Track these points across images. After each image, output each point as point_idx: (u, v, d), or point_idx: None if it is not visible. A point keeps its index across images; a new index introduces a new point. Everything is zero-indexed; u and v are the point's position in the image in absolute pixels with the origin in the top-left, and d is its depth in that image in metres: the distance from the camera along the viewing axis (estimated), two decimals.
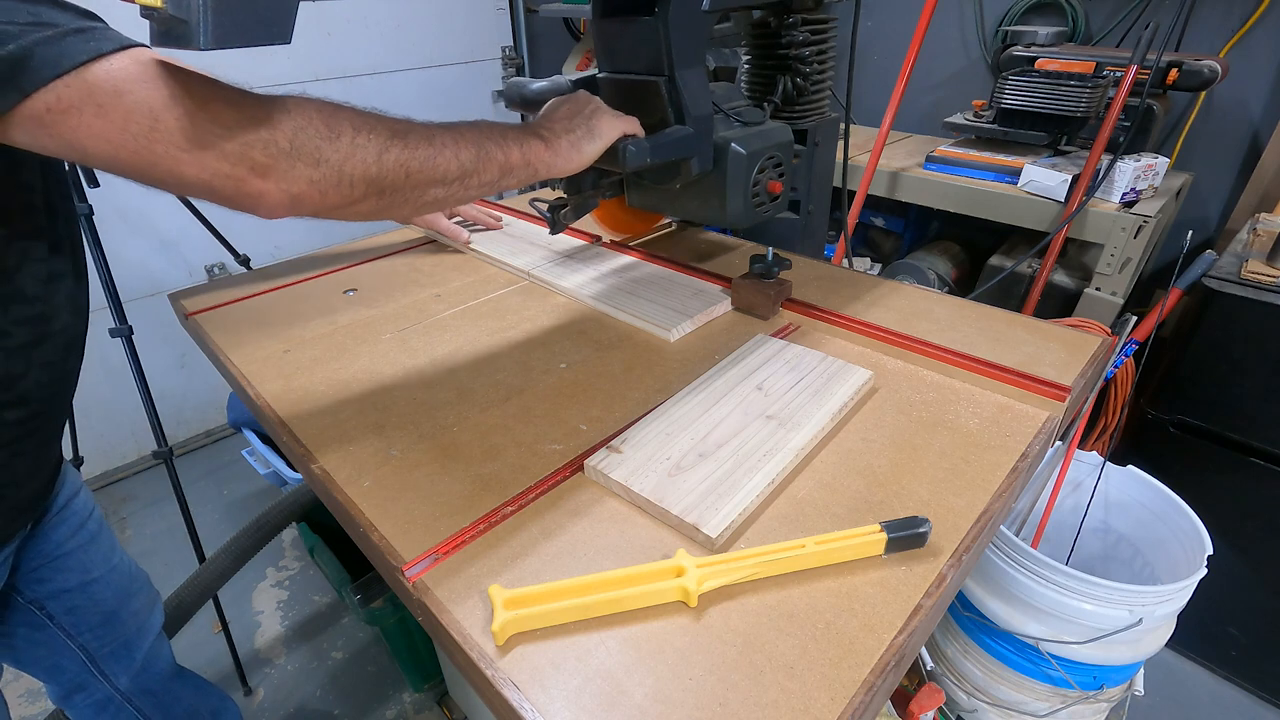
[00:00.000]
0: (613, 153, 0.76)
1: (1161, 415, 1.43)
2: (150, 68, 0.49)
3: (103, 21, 0.51)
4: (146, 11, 0.45)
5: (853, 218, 1.88)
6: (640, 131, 0.82)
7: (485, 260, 1.17)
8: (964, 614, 1.27)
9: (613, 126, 0.78)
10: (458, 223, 1.24)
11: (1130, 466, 1.33)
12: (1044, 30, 1.83)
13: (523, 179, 0.72)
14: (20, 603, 0.89)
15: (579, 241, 1.19)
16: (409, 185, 0.61)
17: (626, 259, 1.12)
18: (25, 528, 0.83)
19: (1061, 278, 1.70)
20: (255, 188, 0.53)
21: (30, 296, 0.68)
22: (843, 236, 1.41)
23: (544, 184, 0.85)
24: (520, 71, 2.95)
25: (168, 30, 0.45)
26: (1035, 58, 1.71)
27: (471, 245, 1.19)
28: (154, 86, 0.49)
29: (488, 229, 1.26)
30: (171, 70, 0.50)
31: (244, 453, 1.95)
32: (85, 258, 0.80)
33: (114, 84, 0.47)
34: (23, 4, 0.47)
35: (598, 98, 0.80)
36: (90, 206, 1.31)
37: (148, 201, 2.02)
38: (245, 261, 1.71)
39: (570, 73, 2.04)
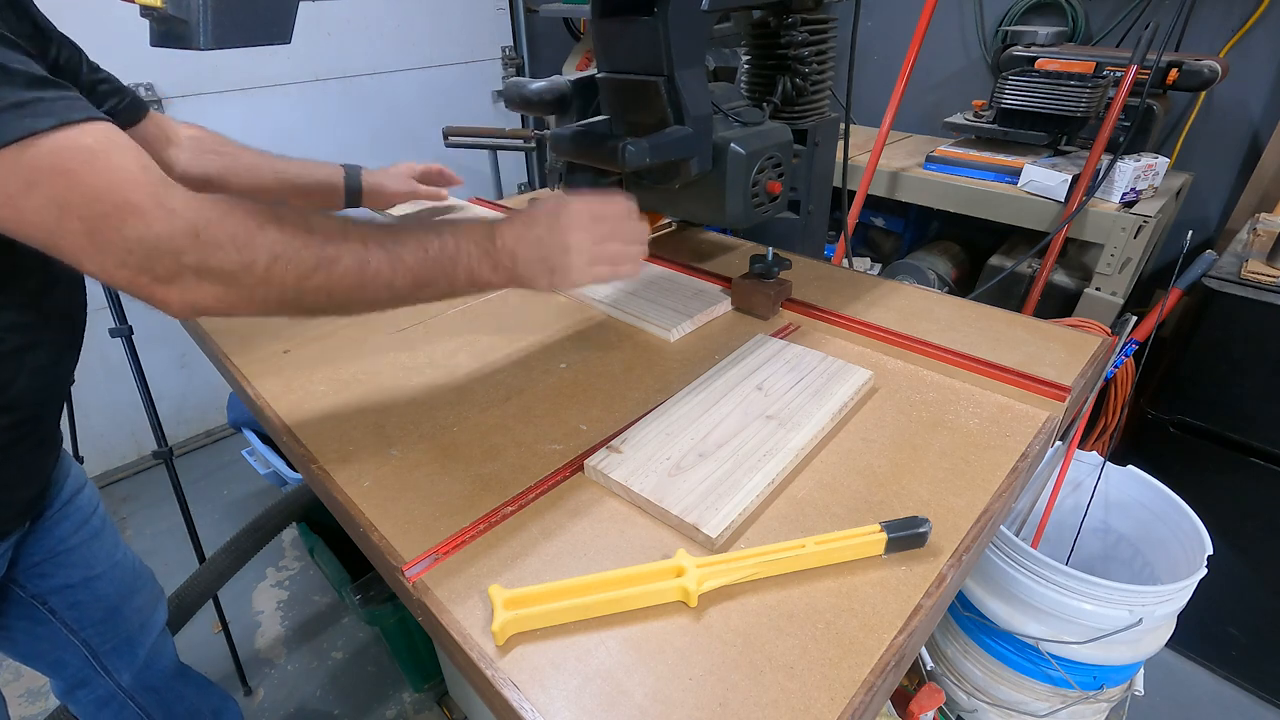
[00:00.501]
0: (612, 152, 0.76)
1: (1161, 415, 1.43)
2: (77, 156, 0.48)
3: (51, 91, 0.48)
4: (146, 11, 0.46)
5: (853, 218, 1.88)
6: (625, 272, 0.75)
7: None
8: (964, 614, 1.27)
9: (578, 282, 0.71)
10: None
11: (1130, 466, 1.33)
12: (1044, 30, 1.83)
13: (477, 292, 0.69)
14: (23, 597, 0.89)
15: None
16: (333, 305, 0.60)
17: None
18: (22, 527, 0.83)
19: (1061, 278, 1.70)
20: (158, 295, 0.53)
21: (24, 304, 0.68)
22: (843, 236, 1.41)
23: (543, 184, 0.85)
24: (520, 71, 2.95)
25: (168, 30, 0.45)
26: (1035, 58, 1.71)
27: None
28: (69, 182, 0.47)
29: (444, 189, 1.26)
30: (102, 161, 0.48)
31: (244, 453, 1.95)
32: None
33: (28, 174, 0.46)
34: None
35: (579, 228, 0.70)
36: None
37: None
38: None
39: (570, 73, 2.04)
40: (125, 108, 0.84)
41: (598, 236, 0.72)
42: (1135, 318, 1.22)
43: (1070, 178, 1.55)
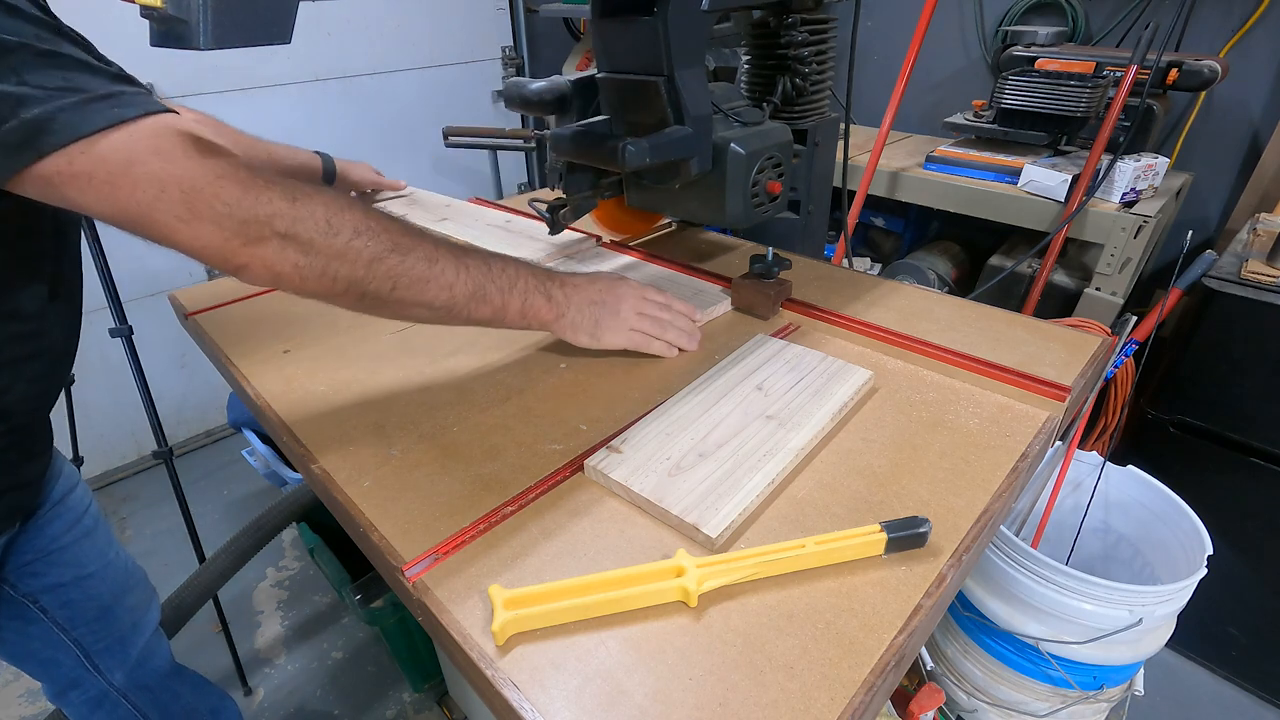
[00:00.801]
0: (612, 152, 0.76)
1: (1161, 415, 1.43)
2: (168, 139, 0.51)
3: (130, 86, 0.53)
4: (146, 11, 0.46)
5: (853, 218, 1.88)
6: (656, 353, 0.83)
7: None
8: (964, 614, 1.27)
9: (617, 340, 0.80)
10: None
11: (1130, 466, 1.33)
12: (1044, 30, 1.83)
13: (518, 327, 0.74)
14: (13, 596, 0.89)
15: (576, 235, 1.19)
16: (393, 299, 0.63)
17: (626, 259, 1.12)
18: (13, 528, 0.83)
19: (1061, 278, 1.70)
20: (242, 258, 0.56)
21: (27, 314, 0.68)
22: (843, 236, 1.41)
23: (543, 184, 0.85)
24: (520, 71, 2.95)
25: (168, 30, 0.45)
26: (1035, 58, 1.71)
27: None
28: (166, 160, 0.51)
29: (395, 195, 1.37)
30: (190, 144, 0.52)
31: (244, 453, 1.95)
32: (82, 276, 0.81)
33: (127, 153, 0.50)
34: (57, 69, 0.49)
35: (635, 297, 0.81)
36: None
37: None
38: None
39: (570, 73, 2.04)
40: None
41: (644, 311, 0.82)
42: (1135, 318, 1.22)
43: (1070, 178, 1.55)
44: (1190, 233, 1.47)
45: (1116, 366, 1.30)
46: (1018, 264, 1.69)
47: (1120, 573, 1.37)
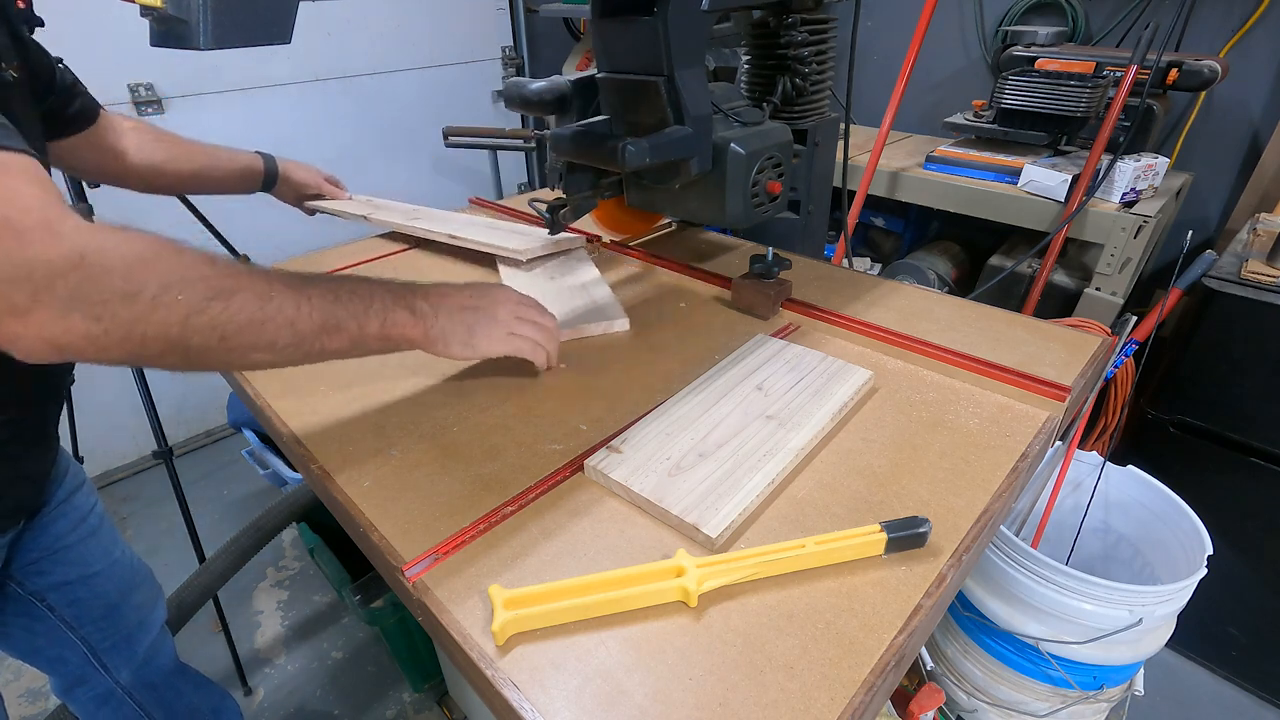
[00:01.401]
0: (612, 152, 0.76)
1: (1161, 415, 1.43)
2: None
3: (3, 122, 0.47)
4: (146, 11, 0.46)
5: (853, 218, 1.88)
6: (539, 357, 0.77)
7: (483, 263, 1.17)
8: (964, 614, 1.27)
9: (496, 347, 0.73)
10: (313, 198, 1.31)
11: (1130, 466, 1.33)
12: (1044, 30, 1.83)
13: (384, 349, 0.66)
14: (20, 594, 0.89)
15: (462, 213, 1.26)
16: (223, 348, 0.54)
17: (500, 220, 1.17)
18: (17, 525, 0.83)
19: (1061, 278, 1.70)
20: (8, 330, 0.46)
21: None
22: (843, 236, 1.41)
23: (543, 184, 0.85)
24: (520, 71, 2.95)
25: (168, 30, 0.45)
26: (1035, 58, 1.71)
27: (350, 210, 1.27)
28: None
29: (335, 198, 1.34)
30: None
31: (244, 453, 1.95)
32: None
33: None
34: None
35: (511, 302, 0.75)
36: (90, 206, 1.30)
37: (147, 201, 2.02)
38: (244, 261, 1.71)
39: (570, 73, 2.04)
40: (90, 105, 0.90)
41: (521, 315, 0.75)
42: (1135, 318, 1.22)
43: (1070, 178, 1.54)
44: (1190, 233, 1.47)
45: (1116, 366, 1.30)
46: (1018, 264, 1.69)
47: (1120, 573, 1.37)
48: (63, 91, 0.85)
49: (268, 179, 1.20)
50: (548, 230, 1.01)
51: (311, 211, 1.30)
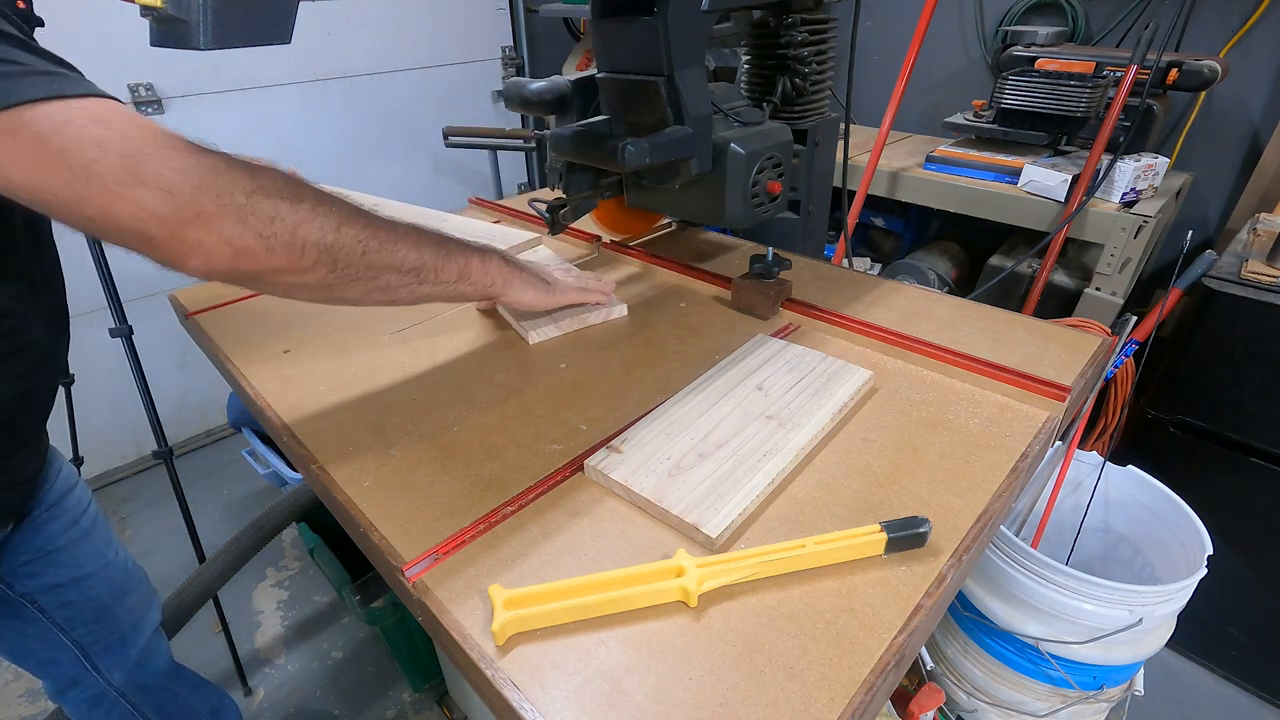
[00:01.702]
0: (612, 152, 0.76)
1: (1161, 415, 1.43)
2: (111, 113, 0.47)
3: (75, 73, 0.50)
4: (146, 11, 0.46)
5: (853, 218, 1.88)
6: (596, 301, 0.91)
7: None
8: (964, 614, 1.27)
9: (568, 295, 0.86)
10: None
11: (1130, 466, 1.33)
12: (1044, 30, 1.84)
13: (478, 288, 0.73)
14: (11, 596, 0.89)
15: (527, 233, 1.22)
16: (364, 264, 0.60)
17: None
18: (6, 528, 0.83)
19: (1061, 278, 1.70)
20: (194, 236, 0.49)
21: (5, 309, 0.68)
22: (843, 236, 1.41)
23: (543, 184, 0.86)
24: (520, 71, 2.96)
25: (168, 30, 0.45)
26: (1035, 58, 1.71)
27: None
28: (107, 126, 0.46)
29: None
30: (135, 116, 0.48)
31: (244, 453, 1.95)
32: (61, 269, 0.80)
33: (62, 119, 0.45)
34: None
35: (557, 272, 0.89)
36: None
37: None
38: None
39: (570, 73, 2.04)
40: None
41: (572, 274, 0.89)
42: (1135, 318, 1.22)
43: (1070, 178, 1.55)
44: (1190, 233, 1.47)
45: (1116, 366, 1.30)
46: (1018, 264, 1.69)
47: (1120, 573, 1.37)
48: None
49: None
50: (548, 230, 1.01)
51: None
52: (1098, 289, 1.58)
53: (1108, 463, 1.33)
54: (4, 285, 0.67)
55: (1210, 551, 1.13)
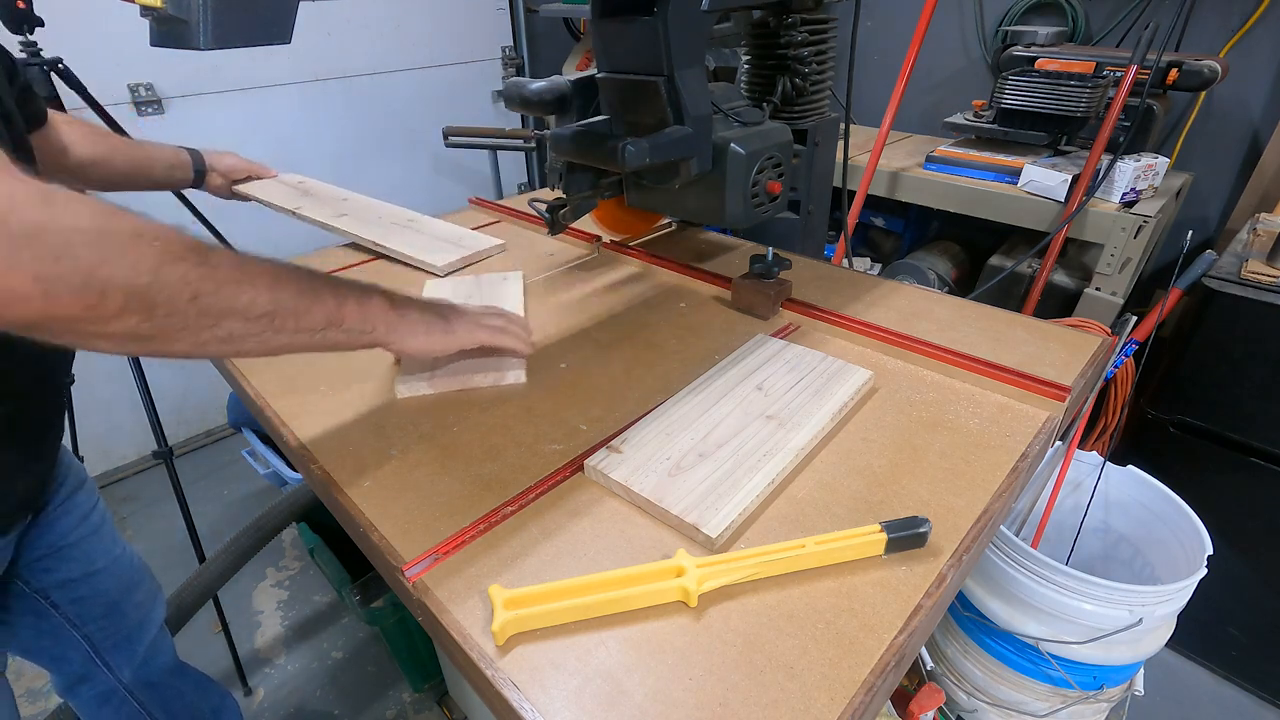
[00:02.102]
0: (612, 152, 0.76)
1: (1161, 415, 1.43)
2: None
3: None
4: (146, 11, 0.46)
5: (853, 218, 1.88)
6: (508, 348, 0.78)
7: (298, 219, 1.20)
8: (964, 614, 1.27)
9: (474, 335, 0.73)
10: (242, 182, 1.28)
11: (1130, 466, 1.33)
12: (1044, 30, 1.83)
13: (355, 338, 0.62)
14: (26, 592, 0.90)
15: (394, 207, 1.25)
16: (194, 310, 0.48)
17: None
18: (24, 520, 0.83)
19: (1061, 278, 1.70)
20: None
21: None
22: (843, 236, 1.41)
23: (543, 184, 0.85)
24: (520, 71, 2.96)
25: (168, 30, 0.45)
26: (1035, 58, 1.71)
27: (280, 203, 1.24)
28: None
29: (260, 179, 1.30)
30: None
31: (244, 453, 1.95)
32: None
33: None
34: None
35: (470, 308, 0.77)
36: None
37: (147, 200, 2.02)
38: None
39: (570, 73, 2.04)
40: (41, 107, 0.91)
41: (483, 319, 0.77)
42: (1135, 318, 1.22)
43: (1070, 178, 1.55)
44: (1190, 233, 1.47)
45: (1116, 366, 1.30)
46: (1018, 264, 1.69)
47: (1120, 573, 1.37)
48: (24, 90, 0.86)
49: (197, 174, 1.18)
50: (548, 230, 1.01)
51: (243, 197, 1.27)
52: (1098, 289, 1.58)
53: (1108, 463, 1.33)
54: None
55: (1210, 551, 1.13)
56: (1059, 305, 1.69)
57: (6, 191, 0.40)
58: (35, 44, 1.26)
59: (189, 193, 1.41)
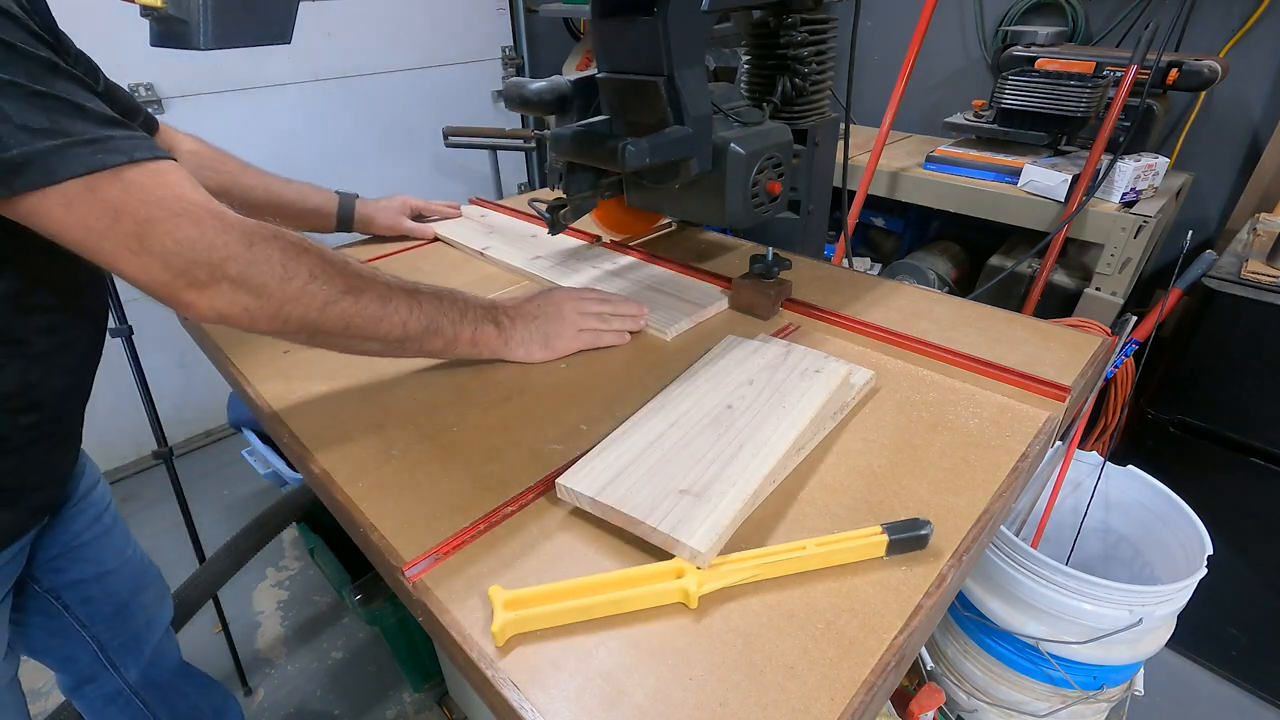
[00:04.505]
0: (612, 153, 0.76)
1: (1161, 415, 1.43)
2: (142, 173, 0.52)
3: (121, 130, 0.53)
4: (146, 11, 0.46)
5: (853, 218, 1.88)
6: (606, 344, 0.86)
7: (483, 260, 1.17)
8: (964, 614, 1.27)
9: (570, 344, 0.83)
10: (416, 219, 1.28)
11: (1130, 466, 1.33)
12: (1044, 30, 1.83)
13: (468, 355, 0.78)
14: (37, 592, 0.90)
15: (577, 241, 1.19)
16: (346, 335, 0.65)
17: (625, 259, 1.12)
18: (41, 523, 0.83)
19: (1061, 278, 1.70)
20: (187, 298, 0.56)
21: (52, 305, 0.68)
22: (843, 236, 1.41)
23: (543, 184, 0.85)
24: (520, 71, 2.96)
25: (168, 30, 0.45)
26: (1035, 58, 1.71)
27: (467, 244, 1.20)
28: (126, 190, 0.51)
29: (445, 218, 1.31)
30: (160, 178, 0.53)
31: (244, 453, 1.95)
32: (103, 273, 0.80)
33: (91, 189, 0.50)
34: (43, 111, 0.49)
35: (573, 300, 0.85)
36: None
37: None
38: None
39: (570, 73, 2.04)
40: (151, 120, 0.88)
41: (584, 310, 0.85)
42: (1135, 318, 1.22)
43: (1070, 178, 1.55)
44: (1190, 233, 1.47)
45: (1116, 366, 1.30)
46: (1018, 264, 1.69)
47: (1120, 573, 1.37)
48: (127, 109, 0.80)
49: (341, 223, 1.15)
50: (548, 230, 1.01)
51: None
52: (1098, 289, 1.58)
53: (1108, 463, 1.33)
54: (56, 282, 0.68)
55: (1210, 551, 1.13)
56: (1059, 305, 1.69)
57: (222, 241, 0.55)
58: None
59: None
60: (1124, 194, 1.52)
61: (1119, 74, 1.50)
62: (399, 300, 0.68)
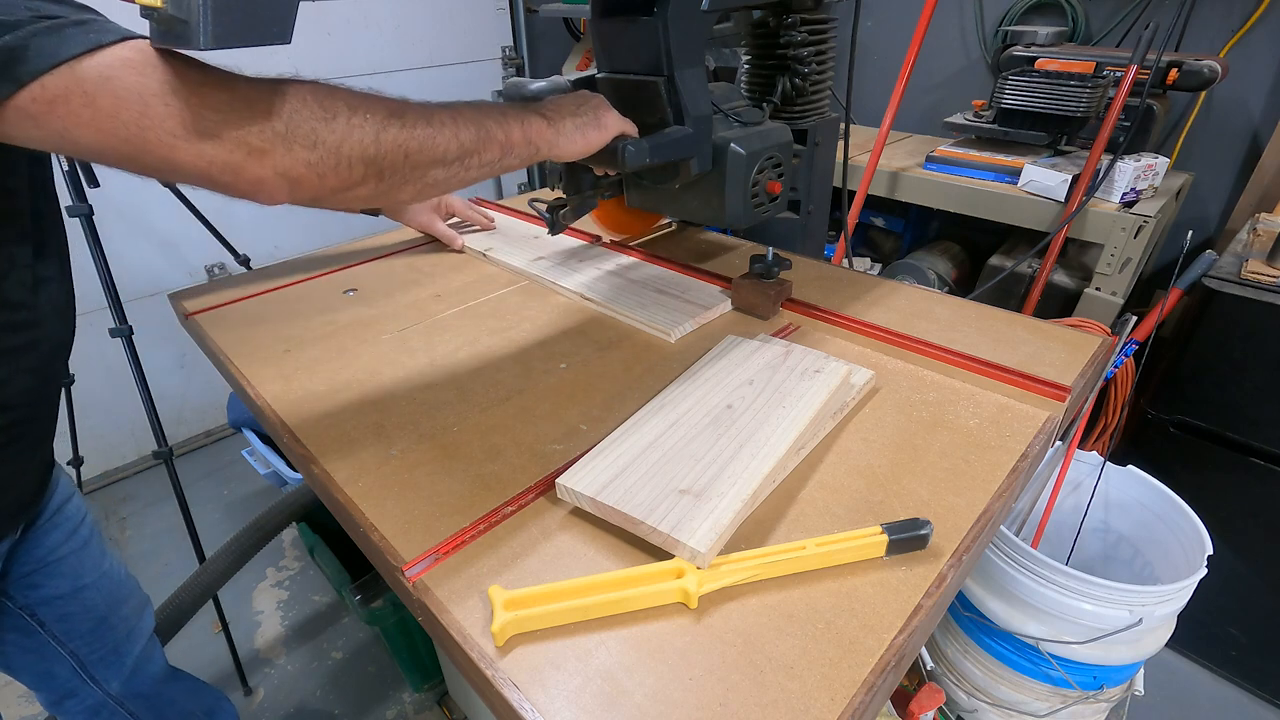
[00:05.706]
0: (612, 153, 0.76)
1: (1161, 415, 1.43)
2: (142, 55, 0.48)
3: (99, 14, 0.50)
4: (146, 11, 0.45)
5: (853, 218, 1.88)
6: (635, 133, 0.81)
7: (484, 260, 1.17)
8: (964, 614, 1.27)
9: (616, 121, 0.78)
10: (453, 224, 1.25)
11: (1130, 466, 1.33)
12: (1044, 30, 1.84)
13: (524, 158, 0.71)
14: (11, 609, 0.88)
15: (579, 241, 1.19)
16: (408, 166, 0.61)
17: (627, 259, 1.12)
18: (15, 532, 0.83)
19: (1061, 278, 1.70)
20: (253, 173, 0.52)
21: (16, 303, 0.67)
22: (843, 236, 1.41)
23: (543, 184, 0.84)
24: (520, 71, 2.95)
25: (167, 30, 0.45)
26: (1035, 58, 1.71)
27: (470, 245, 1.20)
28: (144, 74, 0.48)
29: (482, 229, 1.27)
30: (164, 57, 0.49)
31: (244, 453, 1.95)
32: (70, 263, 0.79)
33: (103, 73, 0.46)
34: None
35: (600, 95, 0.80)
36: (90, 206, 1.31)
37: (147, 201, 2.02)
38: (245, 261, 1.71)
39: (570, 73, 2.04)
40: None
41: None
42: (1135, 318, 1.22)
43: (1070, 178, 1.55)
44: (1190, 233, 1.47)
45: (1116, 366, 1.30)
46: (1018, 264, 1.69)
47: (1120, 573, 1.37)
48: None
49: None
50: (548, 230, 1.01)
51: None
52: (1098, 289, 1.58)
53: (1108, 463, 1.33)
54: (17, 278, 0.67)
55: (1210, 551, 1.13)
56: (1059, 305, 1.69)
57: (257, 94, 0.51)
58: None
59: (186, 190, 1.40)
60: (1124, 194, 1.52)
61: (1119, 74, 1.50)
62: (441, 115, 0.64)
